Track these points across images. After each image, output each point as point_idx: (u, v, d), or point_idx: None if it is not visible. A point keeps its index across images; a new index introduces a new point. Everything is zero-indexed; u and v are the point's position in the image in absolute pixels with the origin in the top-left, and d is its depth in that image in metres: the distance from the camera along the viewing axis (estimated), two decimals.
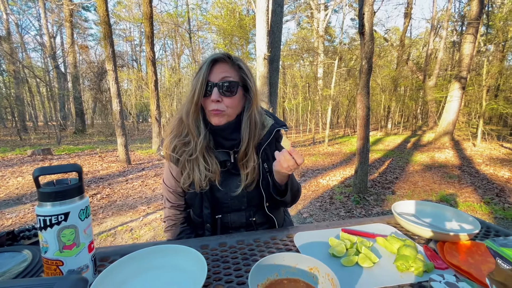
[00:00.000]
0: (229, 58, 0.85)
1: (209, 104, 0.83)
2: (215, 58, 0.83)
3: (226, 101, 0.82)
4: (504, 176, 4.34)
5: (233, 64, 0.85)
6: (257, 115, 0.90)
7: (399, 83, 13.21)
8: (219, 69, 0.83)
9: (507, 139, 7.84)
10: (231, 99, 0.83)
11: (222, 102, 0.82)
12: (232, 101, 0.83)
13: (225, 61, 0.84)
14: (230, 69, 0.84)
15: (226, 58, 0.84)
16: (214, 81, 0.81)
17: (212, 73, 0.82)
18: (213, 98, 0.80)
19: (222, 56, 0.84)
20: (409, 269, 0.64)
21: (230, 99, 0.83)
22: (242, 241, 0.80)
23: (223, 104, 0.82)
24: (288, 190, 0.89)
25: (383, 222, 0.92)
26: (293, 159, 0.74)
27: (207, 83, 0.81)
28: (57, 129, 9.70)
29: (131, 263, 0.63)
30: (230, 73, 0.83)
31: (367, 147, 3.03)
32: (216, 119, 0.84)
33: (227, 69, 0.84)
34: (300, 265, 0.61)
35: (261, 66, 6.46)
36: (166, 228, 0.99)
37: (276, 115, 3.99)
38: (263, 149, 0.92)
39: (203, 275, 0.56)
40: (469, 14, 7.84)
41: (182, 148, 0.88)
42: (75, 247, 0.55)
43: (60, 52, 15.55)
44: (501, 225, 2.62)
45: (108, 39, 5.11)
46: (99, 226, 2.79)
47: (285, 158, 0.75)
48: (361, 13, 2.76)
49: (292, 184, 0.92)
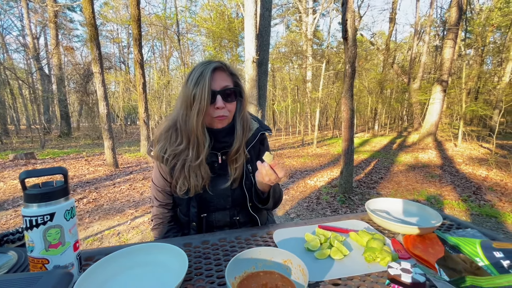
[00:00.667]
0: (225, 66, 0.91)
1: (214, 111, 0.88)
2: (215, 66, 0.87)
3: (228, 106, 0.89)
4: (481, 175, 4.56)
5: (228, 72, 0.92)
6: (247, 115, 0.99)
7: (385, 85, 13.59)
8: (219, 77, 0.88)
9: (486, 140, 8.20)
10: (232, 105, 0.91)
11: (225, 108, 0.89)
12: (232, 106, 0.91)
13: (223, 69, 0.90)
14: (227, 77, 0.90)
15: (224, 66, 0.90)
16: (216, 89, 0.86)
17: (213, 81, 0.86)
18: (219, 105, 0.86)
19: (220, 65, 0.89)
20: (376, 260, 0.70)
21: (231, 105, 0.90)
22: (224, 238, 0.85)
23: (226, 110, 0.89)
24: (270, 198, 0.95)
25: (358, 219, 0.98)
26: (274, 173, 0.80)
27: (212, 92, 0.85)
28: (40, 132, 9.42)
29: (115, 261, 0.66)
30: (228, 81, 0.90)
31: (351, 148, 3.13)
32: (220, 124, 0.91)
33: (225, 77, 0.90)
34: (275, 258, 0.66)
35: (250, 69, 6.53)
36: (154, 226, 1.02)
37: (265, 117, 4.07)
38: (248, 150, 0.97)
39: (183, 270, 0.60)
40: (449, 20, 8.19)
41: (176, 158, 0.91)
42: (60, 246, 0.58)
43: (44, 53, 15.13)
44: (476, 221, 2.77)
45: (94, 41, 5.04)
46: (85, 230, 2.75)
47: (266, 172, 0.80)
48: (344, 19, 2.87)
49: (274, 191, 0.98)
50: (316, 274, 0.65)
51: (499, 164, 5.04)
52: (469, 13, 13.49)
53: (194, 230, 0.98)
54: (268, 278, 0.62)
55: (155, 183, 0.99)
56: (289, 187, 4.16)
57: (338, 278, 0.64)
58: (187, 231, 1.01)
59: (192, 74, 0.86)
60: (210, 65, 0.85)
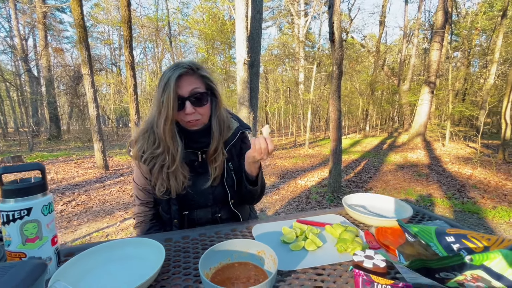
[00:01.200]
0: (192, 69, 0.87)
1: (184, 116, 0.87)
2: (180, 73, 0.84)
3: (199, 110, 0.88)
4: (466, 173, 4.70)
5: (197, 74, 0.88)
6: (224, 114, 0.99)
7: (376, 87, 13.84)
8: (186, 81, 0.85)
9: (473, 139, 8.43)
10: (203, 108, 0.89)
11: (196, 112, 0.87)
12: (204, 109, 0.89)
13: (190, 73, 0.86)
14: (196, 80, 0.87)
15: (190, 70, 0.86)
16: (184, 95, 0.84)
17: (180, 87, 0.84)
18: (188, 111, 0.85)
19: (187, 69, 0.85)
20: (347, 250, 0.74)
21: (203, 108, 0.88)
22: (204, 233, 0.87)
23: (197, 114, 0.88)
24: (258, 180, 0.96)
25: (335, 213, 1.02)
26: (266, 143, 0.81)
27: (178, 98, 0.83)
28: (29, 135, 9.23)
29: (94, 255, 0.68)
30: (197, 84, 0.87)
31: (339, 148, 3.19)
32: (194, 127, 0.91)
33: (193, 80, 0.87)
34: (250, 250, 0.69)
35: (241, 71, 6.56)
36: (136, 224, 1.04)
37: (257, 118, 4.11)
38: (228, 149, 0.99)
39: (160, 261, 0.62)
40: (436, 23, 8.41)
41: (154, 161, 0.91)
42: (38, 240, 0.59)
43: (33, 55, 14.86)
44: (459, 217, 2.85)
45: (83, 42, 5.00)
46: (73, 233, 2.72)
47: (259, 141, 0.82)
48: (330, 21, 2.94)
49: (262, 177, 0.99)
50: (289, 264, 0.68)
51: (483, 163, 5.19)
52: (455, 17, 13.88)
53: (176, 227, 0.99)
54: (243, 269, 0.65)
55: (136, 181, 1.01)
56: (279, 187, 4.20)
57: (310, 267, 0.67)
58: (169, 229, 1.03)
59: (161, 80, 0.85)
60: (176, 71, 0.83)
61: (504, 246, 0.48)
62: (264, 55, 16.18)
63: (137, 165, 0.97)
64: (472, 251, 0.50)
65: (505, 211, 2.96)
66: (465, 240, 0.52)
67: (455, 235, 0.54)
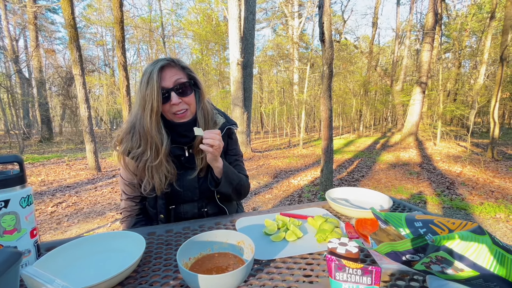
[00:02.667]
0: (173, 62, 0.90)
1: (171, 108, 0.88)
2: (162, 64, 0.86)
3: (185, 100, 0.90)
4: (456, 171, 4.78)
5: (178, 66, 0.91)
6: (208, 106, 1.00)
7: (369, 88, 13.99)
8: (169, 73, 0.87)
9: (463, 138, 8.59)
10: (189, 98, 0.91)
11: (182, 103, 0.89)
12: (189, 99, 0.91)
13: (171, 65, 0.89)
14: (178, 71, 0.90)
15: (171, 62, 0.89)
16: (168, 86, 0.86)
17: (163, 79, 0.86)
18: (174, 101, 0.86)
19: (167, 62, 0.88)
20: (326, 240, 0.75)
21: (188, 98, 0.90)
22: (188, 227, 0.88)
23: (184, 104, 0.90)
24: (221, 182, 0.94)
25: (319, 207, 1.04)
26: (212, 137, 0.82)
27: (163, 90, 0.85)
28: (19, 137, 9.09)
29: (76, 248, 0.68)
30: (180, 75, 0.90)
31: (330, 146, 3.22)
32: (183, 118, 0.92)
33: (176, 71, 0.89)
34: (230, 240, 0.70)
35: (234, 71, 6.59)
36: (122, 219, 1.04)
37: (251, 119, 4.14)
38: None
39: (140, 252, 0.63)
40: (426, 24, 8.56)
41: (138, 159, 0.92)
42: (16, 232, 0.59)
43: (24, 56, 14.64)
44: (447, 213, 2.91)
45: (74, 42, 4.96)
46: (63, 234, 2.69)
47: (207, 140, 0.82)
48: (321, 22, 2.97)
49: (229, 177, 0.96)
50: (269, 253, 0.70)
51: (473, 161, 5.30)
52: (446, 18, 14.14)
53: (162, 222, 1.00)
54: (222, 259, 0.66)
55: (122, 176, 1.01)
56: (272, 187, 4.21)
57: (289, 256, 0.69)
58: (155, 223, 1.03)
59: (143, 76, 0.86)
60: (158, 64, 0.86)
61: (467, 229, 0.50)
62: (259, 56, 16.25)
63: (123, 161, 0.97)
64: (438, 234, 0.52)
65: (491, 207, 3.03)
66: (432, 225, 0.54)
67: (423, 221, 0.56)
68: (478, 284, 0.47)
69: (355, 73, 14.82)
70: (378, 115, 17.88)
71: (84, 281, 0.51)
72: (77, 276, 0.61)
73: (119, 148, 0.95)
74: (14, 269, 0.47)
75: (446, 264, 0.48)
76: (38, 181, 4.72)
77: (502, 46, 5.27)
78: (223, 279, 0.52)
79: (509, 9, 5.23)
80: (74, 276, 0.61)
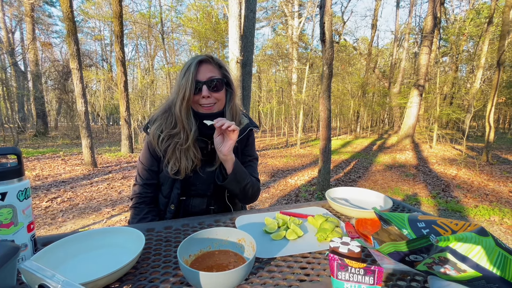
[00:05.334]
0: (212, 59, 0.97)
1: (200, 100, 0.94)
2: (201, 59, 0.94)
3: (215, 95, 0.95)
4: (451, 174, 4.83)
5: (215, 64, 0.97)
6: (237, 106, 1.04)
7: (367, 89, 14.06)
8: (205, 69, 0.94)
9: (459, 142, 8.67)
10: (219, 94, 0.96)
11: (212, 97, 0.95)
12: (219, 95, 0.96)
13: (209, 61, 0.96)
14: (214, 69, 0.96)
15: (210, 59, 0.96)
16: (202, 80, 0.93)
17: (199, 73, 0.93)
18: (204, 94, 0.92)
19: (206, 58, 0.96)
20: (327, 239, 0.75)
21: (218, 94, 0.96)
22: (187, 224, 0.87)
23: (213, 98, 0.95)
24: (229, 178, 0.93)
25: (319, 206, 1.04)
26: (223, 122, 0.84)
27: (197, 82, 0.92)
28: (14, 131, 8.96)
29: (74, 243, 0.67)
30: (215, 72, 0.96)
31: (328, 147, 3.23)
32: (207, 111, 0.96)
33: (212, 68, 0.96)
34: (231, 238, 0.69)
35: (234, 69, 6.55)
36: (133, 204, 1.02)
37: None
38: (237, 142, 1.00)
39: (139, 248, 0.62)
40: (425, 28, 8.62)
41: (170, 140, 0.97)
42: (12, 225, 0.58)
43: (20, 48, 14.44)
44: (442, 215, 2.94)
45: (72, 36, 4.89)
46: (58, 229, 2.66)
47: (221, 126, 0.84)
48: (321, 22, 2.97)
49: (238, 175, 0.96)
50: (269, 252, 0.69)
51: (468, 164, 5.35)
52: (444, 22, 14.25)
53: (170, 214, 1.00)
54: (222, 256, 0.66)
55: (142, 161, 1.03)
56: (270, 186, 4.22)
57: (289, 255, 0.68)
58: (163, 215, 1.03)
59: (183, 68, 0.95)
60: (197, 58, 0.94)
61: (470, 230, 0.50)
62: (258, 55, 16.22)
63: (148, 143, 1.00)
64: (440, 235, 0.52)
65: (486, 209, 3.06)
66: (435, 226, 0.54)
67: (425, 221, 0.56)
68: (480, 285, 0.47)
69: (353, 74, 14.88)
70: (375, 116, 17.98)
71: (82, 277, 0.50)
72: (76, 271, 0.60)
73: (153, 127, 0.99)
74: (12, 263, 0.46)
75: (449, 265, 0.48)
76: (32, 175, 4.66)
77: (500, 51, 5.32)
78: (226, 276, 0.51)
79: (506, 15, 5.28)
80: (72, 271, 0.60)
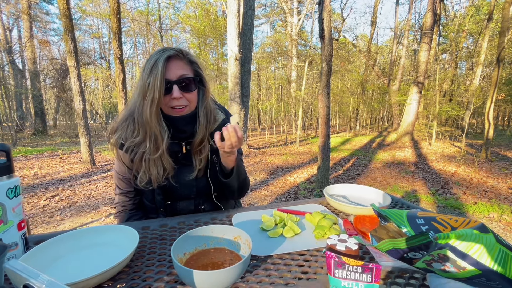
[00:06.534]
0: (182, 54, 0.85)
1: (170, 101, 0.83)
2: (169, 55, 0.81)
3: (187, 96, 0.85)
4: (450, 171, 4.83)
5: (186, 59, 0.86)
6: (211, 104, 0.95)
7: (367, 87, 14.02)
8: (175, 66, 0.83)
9: (458, 139, 8.67)
10: (191, 94, 0.86)
11: (183, 98, 0.85)
12: (192, 95, 0.87)
13: (179, 57, 0.84)
14: (185, 65, 0.85)
15: (180, 53, 0.84)
16: (172, 79, 0.81)
17: (168, 70, 0.81)
18: (175, 95, 0.81)
19: (175, 52, 0.83)
20: (324, 237, 0.74)
21: (190, 94, 0.86)
22: (183, 222, 0.86)
23: (185, 100, 0.85)
24: (233, 173, 0.92)
25: (317, 203, 1.03)
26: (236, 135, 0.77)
27: (166, 82, 0.80)
28: (12, 130, 8.93)
29: (67, 241, 0.66)
30: (186, 70, 0.85)
31: (328, 144, 3.22)
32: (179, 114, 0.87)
33: (182, 65, 0.85)
34: (226, 236, 0.68)
35: (232, 67, 6.53)
36: (116, 214, 1.02)
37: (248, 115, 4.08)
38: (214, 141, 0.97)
39: (133, 247, 0.61)
40: (425, 24, 8.57)
41: (135, 150, 0.88)
42: (2, 224, 0.57)
43: (17, 46, 14.33)
44: (441, 212, 2.93)
45: (69, 33, 4.85)
46: (56, 228, 2.65)
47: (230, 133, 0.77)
48: (320, 18, 2.95)
49: (239, 171, 0.95)
50: (266, 249, 0.68)
51: (467, 161, 5.35)
52: (444, 19, 14.19)
53: (163, 215, 0.98)
54: (218, 254, 0.65)
55: (116, 171, 0.98)
56: (269, 184, 4.21)
57: (286, 252, 0.67)
58: (155, 216, 1.00)
59: (147, 63, 0.81)
60: (165, 53, 0.81)
61: (470, 227, 0.49)
62: (257, 53, 16.14)
63: (117, 154, 0.94)
64: (440, 232, 0.51)
65: (485, 206, 3.07)
66: (434, 222, 0.53)
67: (425, 218, 0.55)
68: (480, 282, 0.46)
69: (352, 71, 14.83)
70: (374, 114, 17.95)
71: (74, 276, 0.49)
72: (67, 270, 0.59)
73: (113, 138, 0.91)
74: None
75: (449, 262, 0.47)
76: (31, 174, 4.64)
77: (499, 47, 5.30)
78: (219, 275, 0.50)
79: (506, 11, 5.25)
80: (64, 270, 0.58)
